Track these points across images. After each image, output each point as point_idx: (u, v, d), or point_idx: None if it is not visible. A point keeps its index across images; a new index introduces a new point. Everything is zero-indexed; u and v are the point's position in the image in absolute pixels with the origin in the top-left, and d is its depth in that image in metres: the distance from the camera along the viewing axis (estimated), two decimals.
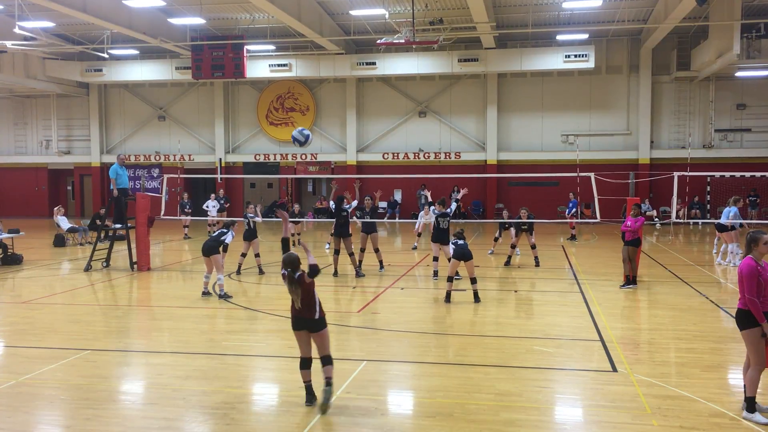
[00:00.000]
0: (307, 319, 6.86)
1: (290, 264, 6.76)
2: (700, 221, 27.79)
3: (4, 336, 10.21)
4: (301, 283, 6.74)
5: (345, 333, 10.07)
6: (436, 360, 8.61)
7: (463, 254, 12.06)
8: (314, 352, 6.96)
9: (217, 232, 12.90)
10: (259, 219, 16.06)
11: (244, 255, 16.01)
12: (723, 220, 16.67)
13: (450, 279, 12.21)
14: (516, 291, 13.48)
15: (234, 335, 9.88)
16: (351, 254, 15.42)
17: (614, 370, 7.99)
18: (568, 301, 12.39)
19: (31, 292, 13.77)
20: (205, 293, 12.85)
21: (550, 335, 9.77)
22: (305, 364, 6.93)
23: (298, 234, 21.03)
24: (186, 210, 25.08)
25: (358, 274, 15.27)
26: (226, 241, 12.74)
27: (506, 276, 15.49)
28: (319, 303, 6.94)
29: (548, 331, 9.99)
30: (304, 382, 6.93)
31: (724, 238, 16.98)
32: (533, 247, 17.17)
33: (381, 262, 16.10)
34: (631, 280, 13.55)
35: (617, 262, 15.86)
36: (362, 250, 15.95)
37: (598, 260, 17.94)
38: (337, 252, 15.51)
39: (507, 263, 17.07)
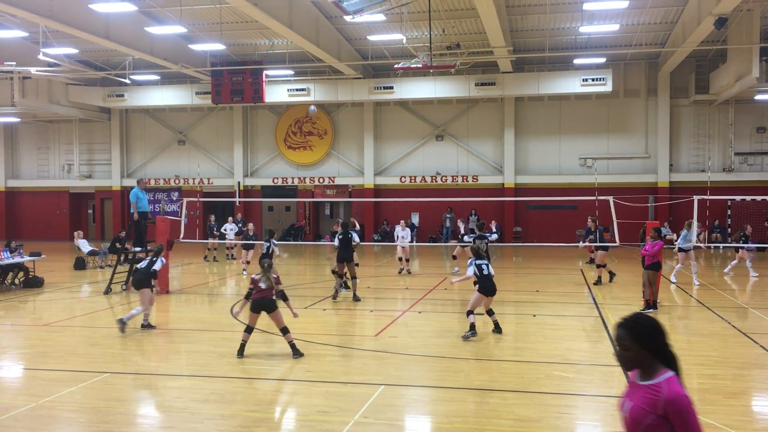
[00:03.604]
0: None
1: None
2: (721, 245, 27.47)
3: (24, 358, 10.29)
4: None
5: (362, 357, 10.04)
6: (454, 385, 8.54)
7: (491, 289, 11.14)
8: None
9: (146, 261, 11.97)
10: (278, 252, 16.07)
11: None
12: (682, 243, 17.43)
13: (471, 312, 11.07)
14: (534, 315, 13.38)
15: (251, 359, 9.88)
16: (354, 278, 15.32)
17: None
18: (587, 326, 12.28)
19: (51, 314, 13.88)
20: (145, 326, 11.94)
21: (570, 360, 9.67)
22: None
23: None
24: (214, 233, 25.24)
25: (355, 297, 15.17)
26: (155, 268, 11.83)
27: (525, 300, 15.39)
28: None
29: (568, 356, 9.89)
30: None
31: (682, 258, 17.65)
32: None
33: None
34: (651, 304, 13.40)
35: (637, 286, 15.71)
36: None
37: (617, 284, 17.77)
38: (340, 276, 15.47)
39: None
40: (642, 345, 3.40)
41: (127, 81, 28.84)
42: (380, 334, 11.65)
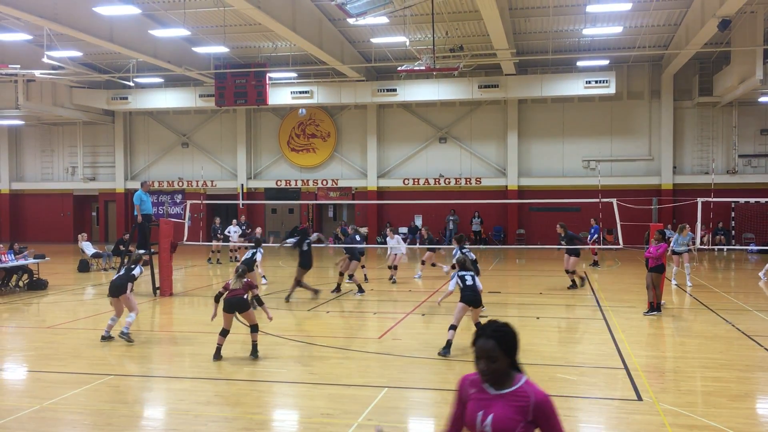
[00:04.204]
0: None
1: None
2: (724, 247, 27.43)
3: (28, 361, 10.31)
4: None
5: (366, 359, 10.03)
6: (456, 387, 8.52)
7: (475, 300, 10.27)
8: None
9: (125, 268, 11.48)
10: (259, 260, 15.74)
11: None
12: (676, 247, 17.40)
13: (453, 327, 10.16)
14: (538, 318, 13.36)
15: (256, 361, 9.88)
16: (351, 276, 16.70)
17: (639, 398, 7.87)
18: (591, 328, 12.26)
19: (55, 317, 13.91)
20: (106, 337, 11.17)
21: (573, 363, 9.66)
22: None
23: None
24: (218, 235, 25.24)
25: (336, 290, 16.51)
26: (134, 275, 11.36)
27: (528, 302, 15.37)
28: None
29: (571, 359, 9.87)
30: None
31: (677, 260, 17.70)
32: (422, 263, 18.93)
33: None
34: (655, 306, 13.38)
35: (640, 289, 15.67)
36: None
37: (621, 287, 17.75)
38: (341, 274, 16.73)
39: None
40: (508, 354, 3.28)
41: (131, 84, 28.91)
42: (383, 336, 11.65)
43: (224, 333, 9.89)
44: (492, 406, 3.26)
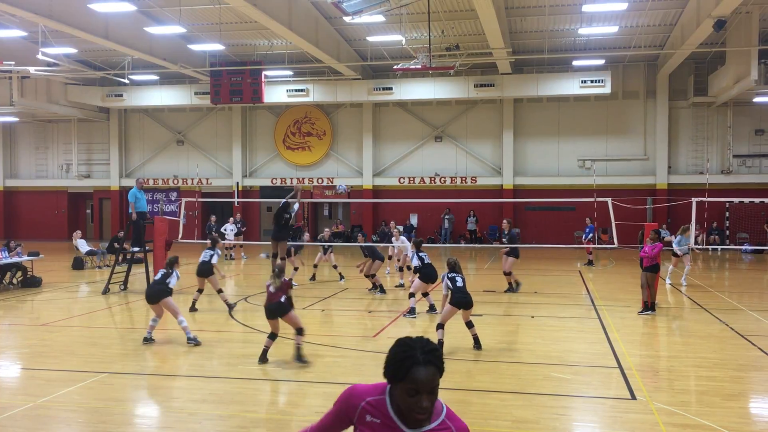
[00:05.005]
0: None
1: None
2: (719, 247, 27.52)
3: (22, 358, 10.28)
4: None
5: (361, 358, 10.04)
6: (452, 386, 8.54)
7: (463, 302, 10.22)
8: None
9: (160, 274, 11.20)
10: (216, 260, 14.88)
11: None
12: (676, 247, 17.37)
13: (441, 326, 10.28)
14: (533, 317, 13.37)
15: (250, 359, 9.88)
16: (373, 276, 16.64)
17: (633, 397, 7.89)
18: (585, 327, 12.28)
19: (49, 314, 13.87)
20: (148, 339, 10.99)
21: (568, 362, 9.68)
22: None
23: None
24: (213, 233, 25.11)
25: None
26: (171, 285, 10.98)
27: (523, 301, 15.39)
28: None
29: (565, 358, 9.89)
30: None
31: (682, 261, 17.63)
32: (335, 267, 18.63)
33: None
34: (649, 306, 13.41)
35: (635, 288, 15.71)
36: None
37: (615, 286, 17.79)
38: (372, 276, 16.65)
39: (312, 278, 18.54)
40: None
41: (126, 81, 28.83)
42: (378, 335, 11.66)
43: (273, 336, 9.66)
44: None
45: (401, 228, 18.82)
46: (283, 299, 9.47)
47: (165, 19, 24.15)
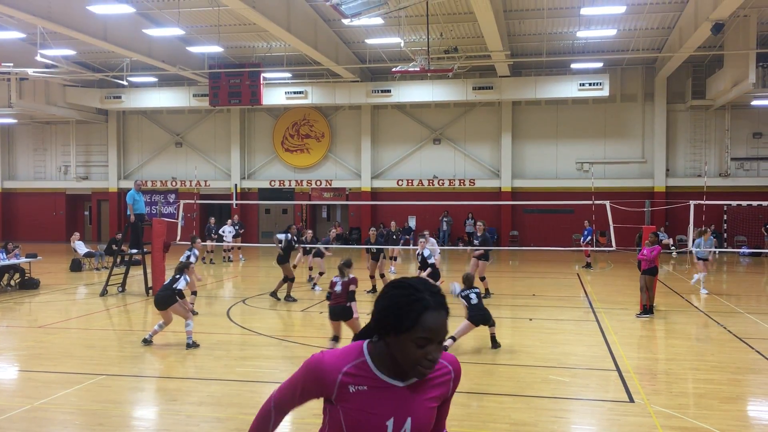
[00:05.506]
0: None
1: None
2: (716, 250, 27.50)
3: (20, 360, 10.27)
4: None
5: None
6: None
7: (484, 319, 10.27)
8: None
9: (168, 280, 11.12)
10: (194, 261, 14.80)
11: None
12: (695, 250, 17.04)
13: (453, 339, 10.18)
14: (531, 319, 13.38)
15: (248, 361, 9.87)
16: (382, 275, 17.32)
17: (631, 400, 7.90)
18: (583, 330, 12.29)
19: (47, 316, 13.85)
20: (147, 341, 10.99)
21: (566, 364, 9.68)
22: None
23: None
24: (212, 235, 25.11)
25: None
26: (179, 288, 10.85)
27: (521, 304, 15.39)
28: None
29: (564, 360, 9.90)
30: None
31: (700, 267, 17.24)
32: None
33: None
34: (647, 309, 13.42)
35: (633, 291, 15.72)
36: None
37: (613, 288, 17.80)
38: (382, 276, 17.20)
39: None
40: None
41: (125, 83, 28.81)
42: None
43: (335, 339, 9.63)
44: (407, 405, 2.42)
45: (426, 233, 17.75)
46: (348, 304, 9.46)
47: (164, 21, 24.15)
